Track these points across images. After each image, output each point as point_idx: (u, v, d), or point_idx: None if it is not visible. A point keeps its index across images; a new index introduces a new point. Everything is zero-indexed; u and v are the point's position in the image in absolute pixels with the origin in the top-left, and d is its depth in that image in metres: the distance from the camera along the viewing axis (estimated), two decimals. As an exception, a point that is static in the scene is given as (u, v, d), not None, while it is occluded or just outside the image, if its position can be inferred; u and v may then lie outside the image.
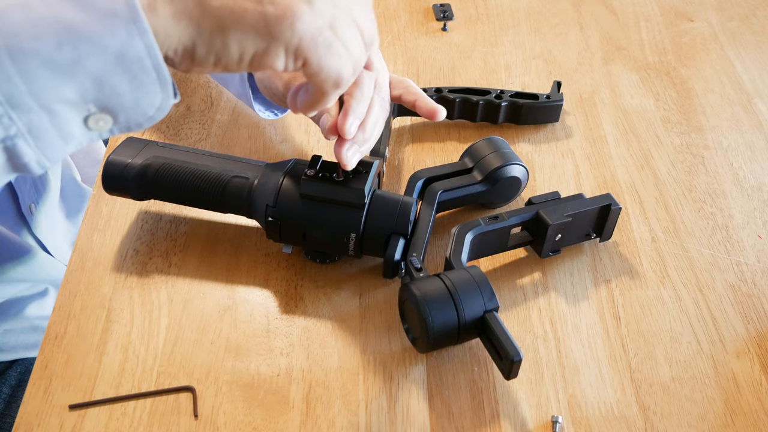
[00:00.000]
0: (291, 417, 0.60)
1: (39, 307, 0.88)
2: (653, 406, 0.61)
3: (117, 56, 0.41)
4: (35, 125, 0.41)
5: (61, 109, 0.42)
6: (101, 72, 0.41)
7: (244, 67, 0.46)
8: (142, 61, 0.42)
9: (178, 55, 0.44)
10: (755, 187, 0.79)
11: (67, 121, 0.42)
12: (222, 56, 0.45)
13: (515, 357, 0.56)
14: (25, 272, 0.84)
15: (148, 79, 0.43)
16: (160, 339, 0.64)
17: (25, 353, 0.87)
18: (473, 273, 0.60)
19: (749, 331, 0.66)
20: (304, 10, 0.45)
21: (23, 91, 0.40)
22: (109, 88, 0.42)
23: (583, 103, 0.88)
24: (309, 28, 0.45)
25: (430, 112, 0.69)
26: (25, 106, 0.41)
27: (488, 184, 0.72)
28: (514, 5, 1.02)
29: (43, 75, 0.40)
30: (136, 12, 0.41)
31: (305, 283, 0.69)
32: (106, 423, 0.59)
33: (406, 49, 0.94)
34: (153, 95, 0.44)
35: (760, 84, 0.91)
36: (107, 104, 0.43)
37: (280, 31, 0.44)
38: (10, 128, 0.41)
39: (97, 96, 0.42)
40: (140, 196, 0.70)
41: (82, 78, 0.41)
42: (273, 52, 0.45)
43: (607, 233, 0.71)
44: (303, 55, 0.46)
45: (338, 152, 0.60)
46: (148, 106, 0.44)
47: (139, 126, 0.45)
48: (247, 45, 0.45)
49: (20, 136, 0.42)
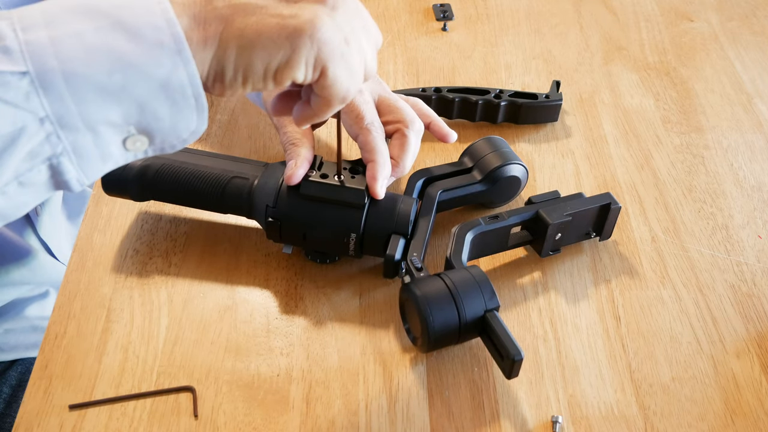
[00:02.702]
0: (291, 417, 0.60)
1: (40, 308, 0.88)
2: (653, 406, 0.61)
3: (161, 84, 0.44)
4: (80, 145, 0.44)
5: (104, 130, 0.44)
6: (145, 98, 0.44)
7: (269, 82, 0.48)
8: (184, 89, 0.44)
9: (210, 79, 0.47)
10: (755, 187, 0.79)
11: (109, 142, 0.45)
12: (248, 74, 0.47)
13: (516, 356, 0.56)
14: (27, 274, 0.84)
15: (187, 106, 0.45)
16: (160, 339, 0.64)
17: (25, 353, 0.87)
18: (474, 272, 0.60)
19: (749, 331, 0.66)
20: (325, 21, 0.47)
21: (73, 113, 0.43)
22: (150, 113, 0.45)
23: (583, 103, 0.88)
24: (329, 38, 0.47)
25: (444, 135, 0.74)
26: (73, 126, 0.43)
27: (488, 184, 0.72)
28: (514, 5, 1.02)
29: (93, 98, 0.43)
30: (181, 44, 0.43)
31: (305, 283, 0.69)
32: (106, 423, 0.59)
33: (406, 49, 0.94)
34: (189, 120, 0.46)
35: (760, 84, 0.91)
36: (146, 127, 0.45)
37: (301, 42, 0.46)
38: (57, 146, 0.43)
39: (138, 119, 0.45)
40: (140, 197, 0.70)
41: (127, 103, 0.44)
42: (295, 63, 0.47)
43: (607, 232, 0.71)
44: (322, 64, 0.48)
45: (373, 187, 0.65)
46: (184, 130, 0.47)
47: (172, 147, 0.47)
48: (271, 60, 0.46)
49: (65, 154, 0.44)
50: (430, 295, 0.59)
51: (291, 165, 0.65)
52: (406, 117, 0.70)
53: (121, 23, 0.43)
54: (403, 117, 0.70)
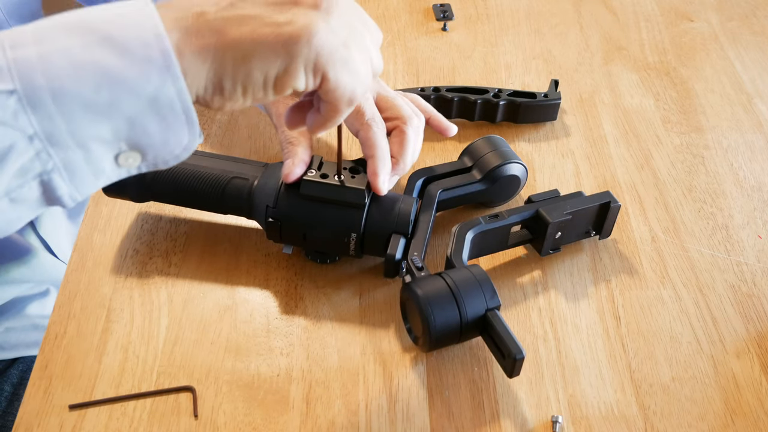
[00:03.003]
0: (291, 417, 0.60)
1: (40, 306, 0.88)
2: (653, 406, 0.61)
3: (150, 100, 0.43)
4: (71, 161, 0.44)
5: (95, 147, 0.44)
6: (135, 113, 0.43)
7: (269, 91, 0.47)
8: (173, 104, 0.44)
9: (209, 92, 0.46)
10: (755, 187, 0.79)
11: (100, 158, 0.45)
12: (248, 85, 0.46)
13: (518, 355, 0.56)
14: (27, 273, 0.84)
15: (177, 121, 0.45)
16: (160, 339, 0.64)
17: (26, 351, 0.87)
18: (474, 271, 0.61)
19: (749, 331, 0.66)
20: (321, 27, 0.46)
21: (62, 130, 0.42)
22: (140, 129, 0.44)
23: (583, 103, 0.88)
24: (326, 43, 0.46)
25: (443, 129, 0.75)
26: (63, 143, 0.43)
27: (488, 183, 0.72)
28: (514, 5, 1.02)
29: (82, 115, 0.42)
30: (169, 59, 0.43)
31: (305, 283, 0.69)
32: (106, 423, 0.59)
33: (406, 49, 0.94)
34: (181, 135, 0.46)
35: (760, 84, 0.91)
36: (138, 143, 0.45)
37: (298, 49, 0.46)
38: (47, 163, 0.43)
39: (129, 135, 0.44)
40: (139, 198, 0.70)
41: (116, 119, 0.43)
42: (293, 70, 0.46)
43: (607, 231, 0.71)
44: (321, 70, 0.47)
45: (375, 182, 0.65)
46: (176, 146, 0.46)
47: (165, 163, 0.47)
48: (269, 69, 0.46)
49: (56, 171, 0.44)
50: (432, 294, 0.59)
51: (288, 163, 0.65)
52: (404, 113, 0.70)
53: (110, 39, 0.42)
54: (401, 113, 0.70)
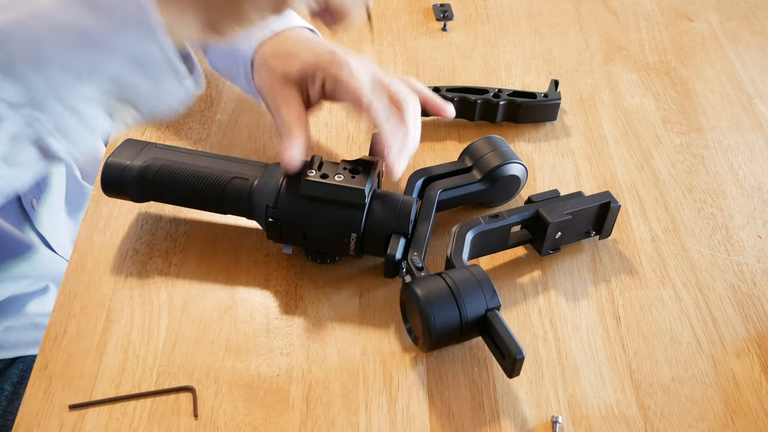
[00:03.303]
0: (291, 417, 0.60)
1: (40, 305, 0.88)
2: (653, 406, 0.61)
3: (132, 57, 0.43)
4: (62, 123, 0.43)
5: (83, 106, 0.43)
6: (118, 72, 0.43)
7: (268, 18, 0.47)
8: (156, 60, 0.43)
9: (206, 35, 0.46)
10: (755, 187, 0.79)
11: (92, 116, 0.44)
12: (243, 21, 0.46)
13: (518, 355, 0.56)
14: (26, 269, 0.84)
15: (164, 75, 0.44)
16: (160, 339, 0.64)
17: (26, 350, 0.87)
18: (475, 272, 0.61)
19: (749, 331, 0.66)
20: None
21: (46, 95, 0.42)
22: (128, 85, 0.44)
23: (583, 103, 0.88)
24: None
25: (439, 109, 0.73)
26: (50, 107, 0.42)
27: (488, 183, 0.72)
28: (514, 5, 1.02)
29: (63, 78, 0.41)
30: (146, 12, 0.42)
31: (305, 283, 0.69)
32: (106, 423, 0.59)
33: (406, 49, 0.94)
34: (172, 89, 0.45)
35: (760, 84, 0.91)
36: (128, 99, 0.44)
37: None
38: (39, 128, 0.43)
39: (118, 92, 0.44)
40: (139, 198, 0.70)
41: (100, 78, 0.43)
42: None
43: (607, 231, 0.71)
44: None
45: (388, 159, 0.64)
46: (170, 98, 0.46)
47: (164, 115, 0.47)
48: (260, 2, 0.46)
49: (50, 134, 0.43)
50: (432, 294, 0.59)
51: (286, 145, 0.64)
52: (399, 96, 0.69)
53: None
54: (397, 97, 0.68)
